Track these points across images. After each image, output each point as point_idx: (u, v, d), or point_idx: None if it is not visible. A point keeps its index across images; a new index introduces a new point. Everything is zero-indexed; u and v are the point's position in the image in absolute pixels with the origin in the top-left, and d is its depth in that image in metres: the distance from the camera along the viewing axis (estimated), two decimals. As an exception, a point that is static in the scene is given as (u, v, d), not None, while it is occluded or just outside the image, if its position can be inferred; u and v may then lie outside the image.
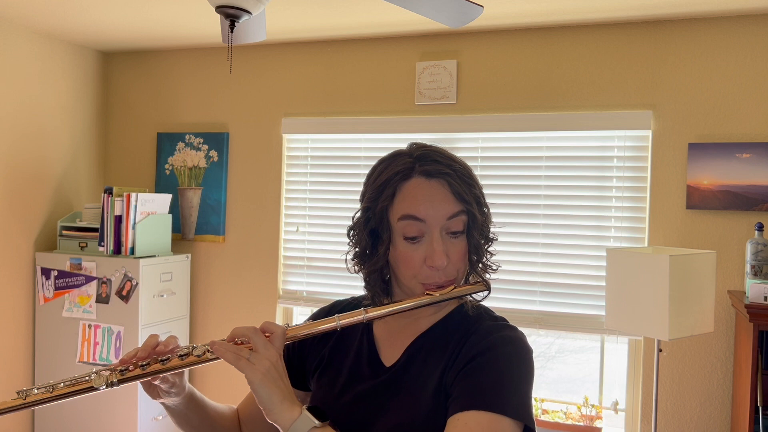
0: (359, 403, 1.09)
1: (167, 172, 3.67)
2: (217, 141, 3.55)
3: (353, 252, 1.12)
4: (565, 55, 2.98)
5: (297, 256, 3.45)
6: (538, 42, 3.02)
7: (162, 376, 1.03)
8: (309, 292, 3.43)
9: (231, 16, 1.82)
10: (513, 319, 1.14)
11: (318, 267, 3.41)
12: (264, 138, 3.49)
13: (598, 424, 2.89)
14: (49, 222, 3.46)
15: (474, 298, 1.12)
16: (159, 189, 3.68)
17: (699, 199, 2.76)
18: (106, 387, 0.99)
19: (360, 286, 1.13)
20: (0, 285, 3.21)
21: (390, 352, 1.12)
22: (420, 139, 1.15)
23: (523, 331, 1.09)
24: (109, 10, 2.94)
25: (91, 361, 3.23)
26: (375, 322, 1.16)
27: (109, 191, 3.22)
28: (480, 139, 3.13)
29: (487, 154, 3.11)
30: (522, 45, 3.04)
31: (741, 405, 2.48)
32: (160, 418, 3.27)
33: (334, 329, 1.03)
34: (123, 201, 3.21)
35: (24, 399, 0.98)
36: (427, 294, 1.04)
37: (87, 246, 3.30)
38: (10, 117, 3.22)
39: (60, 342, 3.30)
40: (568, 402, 3.11)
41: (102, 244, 3.23)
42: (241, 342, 1.01)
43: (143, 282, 3.17)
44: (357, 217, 1.11)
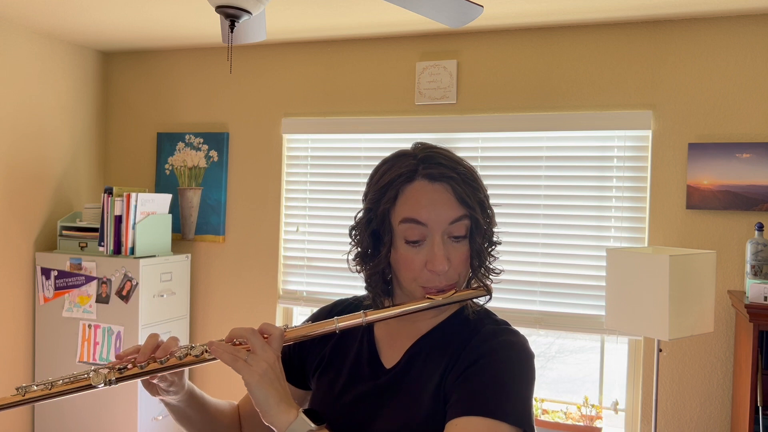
0: (359, 404, 1.09)
1: (167, 172, 3.67)
2: (217, 141, 3.55)
3: (355, 252, 1.11)
4: (565, 55, 2.98)
5: (297, 256, 3.45)
6: (538, 42, 3.02)
7: (160, 375, 1.04)
8: (309, 292, 3.42)
9: (231, 16, 1.82)
10: (513, 320, 1.14)
11: (318, 267, 3.40)
12: (264, 138, 3.49)
13: (598, 424, 2.89)
14: (49, 222, 3.46)
15: (475, 302, 1.11)
16: (159, 189, 3.68)
17: (699, 199, 2.76)
18: (104, 385, 0.99)
19: (360, 286, 1.12)
20: (0, 285, 3.22)
21: (390, 353, 1.12)
22: (420, 139, 1.13)
23: (524, 332, 1.08)
24: (109, 10, 2.94)
25: (91, 361, 3.23)
26: (376, 323, 1.15)
27: (109, 191, 3.22)
28: (480, 139, 3.13)
29: (487, 154, 3.11)
30: (522, 45, 3.04)
31: (741, 405, 2.48)
32: (160, 418, 3.27)
33: (333, 332, 1.03)
34: (123, 201, 3.21)
35: (23, 395, 0.98)
36: (428, 297, 1.03)
37: (87, 246, 3.30)
38: (10, 117, 3.22)
39: (60, 342, 3.30)
40: (568, 402, 3.11)
41: (102, 244, 3.23)
42: (239, 343, 1.01)
43: (143, 282, 3.17)
44: (359, 217, 1.10)
